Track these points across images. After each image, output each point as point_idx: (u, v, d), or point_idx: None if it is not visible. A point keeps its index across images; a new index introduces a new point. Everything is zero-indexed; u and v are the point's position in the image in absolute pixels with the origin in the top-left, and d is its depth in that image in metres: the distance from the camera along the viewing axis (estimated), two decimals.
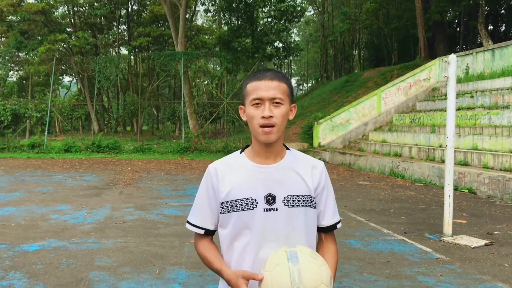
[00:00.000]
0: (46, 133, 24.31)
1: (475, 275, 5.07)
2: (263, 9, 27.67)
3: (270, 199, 1.73)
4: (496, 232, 7.00)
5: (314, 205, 1.80)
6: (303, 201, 1.76)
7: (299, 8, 26.10)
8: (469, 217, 8.15)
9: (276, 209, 1.73)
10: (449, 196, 6.73)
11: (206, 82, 38.44)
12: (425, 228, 7.35)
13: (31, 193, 10.46)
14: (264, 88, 1.70)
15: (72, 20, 39.78)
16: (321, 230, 1.88)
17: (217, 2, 28.88)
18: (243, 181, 1.75)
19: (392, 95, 20.05)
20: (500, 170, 10.85)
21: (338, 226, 1.91)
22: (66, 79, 54.76)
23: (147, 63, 37.41)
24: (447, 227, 6.74)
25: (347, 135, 19.87)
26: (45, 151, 21.61)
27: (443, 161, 12.25)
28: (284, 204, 1.73)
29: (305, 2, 49.54)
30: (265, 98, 1.69)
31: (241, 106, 1.82)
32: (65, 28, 38.08)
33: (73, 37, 36.44)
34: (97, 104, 33.84)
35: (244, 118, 1.81)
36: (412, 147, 14.81)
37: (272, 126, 1.69)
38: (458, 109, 14.92)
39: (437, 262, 5.54)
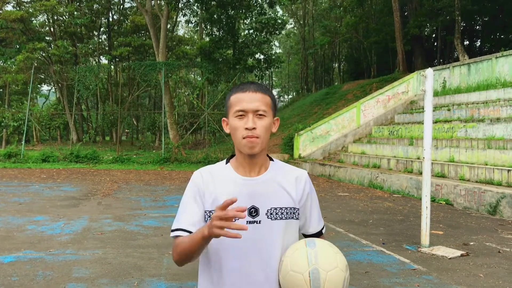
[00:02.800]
0: (23, 142, 23.93)
1: (451, 285, 5.15)
2: (245, 21, 27.85)
3: (253, 211, 1.72)
4: (472, 243, 7.13)
5: (297, 217, 1.80)
6: (286, 213, 1.76)
7: (280, 21, 26.31)
8: (446, 228, 8.27)
9: (259, 221, 1.72)
10: (427, 208, 6.84)
11: (187, 93, 38.35)
12: (403, 239, 7.44)
13: (6, 203, 10.26)
14: (247, 99, 1.69)
15: (52, 28, 39.41)
16: (307, 236, 1.89)
17: (198, 13, 28.97)
18: (227, 192, 1.73)
19: (371, 107, 20.32)
20: (476, 182, 11.06)
21: (323, 231, 1.94)
22: (45, 88, 54.19)
23: (127, 73, 37.23)
24: (425, 238, 6.83)
25: (327, 147, 20.03)
26: (22, 161, 21.25)
27: (420, 173, 12.43)
28: (267, 216, 1.73)
29: (286, 14, 50.07)
30: (248, 109, 1.68)
31: (224, 118, 1.81)
32: (44, 36, 37.72)
33: (52, 45, 36.08)
34: (76, 114, 33.48)
35: (227, 130, 1.79)
36: (391, 159, 15.00)
37: (255, 137, 1.67)
38: (435, 122, 15.20)
39: (414, 273, 5.61)
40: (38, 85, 48.08)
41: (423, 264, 5.97)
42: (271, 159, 1.84)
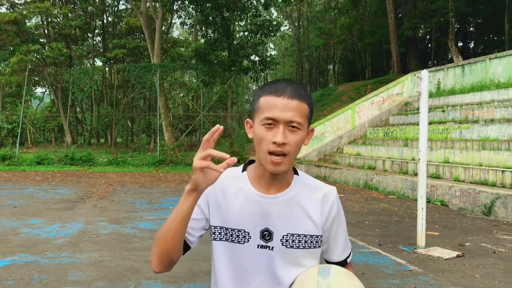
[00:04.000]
0: (17, 145, 23.80)
1: (447, 286, 5.17)
2: (240, 23, 27.88)
3: (266, 234, 1.47)
4: (468, 244, 7.16)
5: (319, 245, 1.54)
6: (305, 242, 1.49)
7: (275, 23, 26.38)
8: (441, 229, 8.30)
9: (272, 248, 1.47)
10: (422, 209, 6.86)
11: (182, 95, 38.34)
12: (399, 240, 7.46)
13: (1, 206, 10.20)
14: (281, 107, 1.39)
15: (46, 30, 39.29)
16: (330, 263, 1.63)
17: (193, 15, 28.96)
18: (238, 208, 1.49)
19: (366, 109, 20.37)
20: (471, 183, 11.11)
21: (349, 260, 1.64)
22: (39, 90, 53.94)
23: (122, 75, 37.16)
24: (421, 239, 6.86)
25: (322, 148, 20.05)
26: (16, 164, 21.13)
27: (416, 174, 12.48)
28: (282, 243, 1.47)
29: (281, 16, 50.16)
30: (280, 120, 1.39)
31: (248, 120, 1.53)
32: (38, 38, 37.59)
33: (46, 48, 35.96)
34: (70, 116, 33.36)
35: (250, 135, 1.51)
36: (386, 160, 15.05)
37: (283, 155, 1.40)
38: (430, 123, 15.25)
39: (411, 274, 5.63)
40: (32, 87, 47.91)
41: (419, 265, 5.99)
42: (295, 172, 1.56)
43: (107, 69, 39.95)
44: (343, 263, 1.62)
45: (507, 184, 10.17)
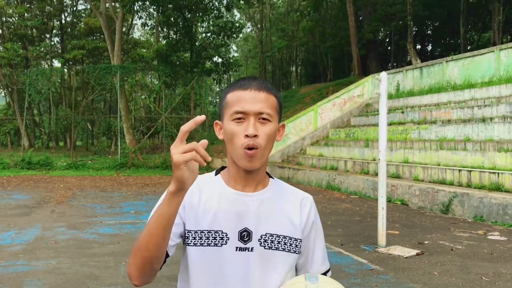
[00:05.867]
0: None
1: (407, 284, 5.27)
2: (202, 24, 27.74)
3: (245, 235, 1.38)
4: (427, 242, 7.32)
5: (298, 251, 1.45)
6: (284, 243, 1.41)
7: (237, 24, 26.37)
8: (401, 228, 8.47)
9: (251, 249, 1.38)
10: (383, 208, 6.98)
11: (143, 96, 37.80)
12: (361, 239, 7.56)
13: None
14: (249, 99, 1.35)
15: (0, 30, 37.95)
16: None
17: (155, 16, 28.62)
18: (214, 208, 1.40)
19: (328, 110, 20.62)
20: (430, 182, 11.40)
21: (328, 275, 1.54)
22: None
23: (81, 76, 36.28)
24: (381, 238, 6.97)
25: (285, 150, 20.16)
26: None
27: (376, 174, 12.69)
28: (261, 244, 1.38)
29: (244, 18, 50.22)
30: (250, 112, 1.34)
31: (217, 121, 1.47)
32: None
33: (1, 48, 34.73)
34: (27, 119, 32.30)
35: (220, 136, 1.44)
36: (348, 160, 15.26)
37: (255, 148, 1.34)
38: (389, 124, 15.58)
39: (372, 273, 5.71)
40: None
41: (380, 264, 6.08)
42: (270, 177, 1.51)
43: (65, 70, 38.92)
44: None
45: (463, 183, 10.49)
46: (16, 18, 37.09)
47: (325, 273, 1.53)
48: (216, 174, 1.50)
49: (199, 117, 1.15)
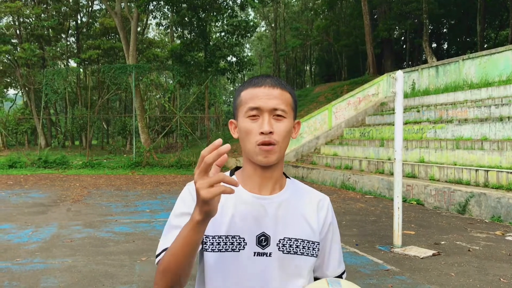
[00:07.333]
0: None
1: (424, 285, 5.20)
2: (216, 23, 27.78)
3: (263, 240, 1.34)
4: (443, 242, 7.24)
5: (316, 254, 1.42)
6: (303, 247, 1.38)
7: (251, 23, 26.35)
8: (417, 228, 8.39)
9: (269, 254, 1.34)
10: (398, 208, 6.91)
11: (158, 96, 38.00)
12: (376, 239, 7.50)
13: None
14: (263, 96, 1.33)
15: (18, 31, 38.46)
16: None
17: (169, 16, 28.73)
18: (230, 212, 1.36)
19: (343, 109, 20.52)
20: (446, 182, 11.26)
21: (343, 277, 1.52)
22: (11, 92, 52.76)
23: (97, 76, 36.65)
24: (397, 239, 6.90)
25: (299, 149, 20.10)
26: None
27: (391, 174, 12.60)
28: (279, 248, 1.35)
29: (258, 17, 50.22)
30: (264, 108, 1.32)
31: (231, 120, 1.45)
32: (10, 39, 36.77)
33: (18, 48, 35.20)
34: (44, 118, 32.72)
35: (235, 135, 1.42)
36: (362, 160, 15.16)
37: (272, 144, 1.31)
38: (405, 123, 15.44)
39: (387, 274, 5.65)
40: (4, 89, 46.84)
41: (396, 265, 6.02)
42: (287, 177, 1.48)
43: (81, 70, 39.34)
44: None
45: (480, 183, 10.35)
46: (33, 19, 37.57)
47: (340, 275, 1.51)
48: (231, 174, 1.45)
49: (224, 147, 1.06)
